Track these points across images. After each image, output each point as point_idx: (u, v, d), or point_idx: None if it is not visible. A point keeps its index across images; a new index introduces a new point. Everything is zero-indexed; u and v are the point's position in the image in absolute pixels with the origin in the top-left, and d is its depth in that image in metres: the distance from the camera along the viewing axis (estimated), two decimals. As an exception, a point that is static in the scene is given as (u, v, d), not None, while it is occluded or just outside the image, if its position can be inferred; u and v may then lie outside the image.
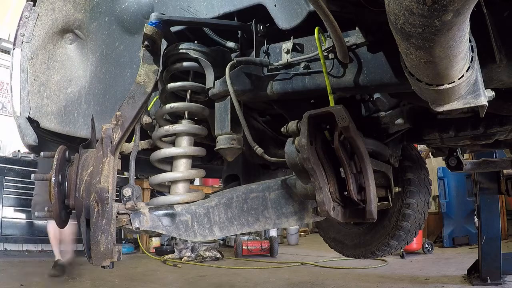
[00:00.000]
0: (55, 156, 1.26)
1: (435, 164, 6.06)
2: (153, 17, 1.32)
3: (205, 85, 1.44)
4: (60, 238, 4.10)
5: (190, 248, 5.53)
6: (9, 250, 5.10)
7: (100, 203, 1.15)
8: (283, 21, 1.26)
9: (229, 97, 1.40)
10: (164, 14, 1.35)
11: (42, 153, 1.35)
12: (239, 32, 1.41)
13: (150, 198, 1.60)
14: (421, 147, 4.55)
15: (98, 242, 1.13)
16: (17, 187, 5.04)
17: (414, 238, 2.41)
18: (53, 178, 1.21)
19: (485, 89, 0.97)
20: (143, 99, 1.31)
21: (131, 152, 1.30)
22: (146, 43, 1.32)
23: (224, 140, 1.41)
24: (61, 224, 1.27)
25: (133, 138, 1.34)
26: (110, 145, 1.20)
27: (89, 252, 1.15)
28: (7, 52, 5.74)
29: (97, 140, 1.28)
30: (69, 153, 1.31)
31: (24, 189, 5.05)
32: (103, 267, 1.18)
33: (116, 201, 1.20)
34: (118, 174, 1.25)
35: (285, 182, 1.35)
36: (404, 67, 0.95)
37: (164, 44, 1.44)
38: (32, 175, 1.34)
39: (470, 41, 0.88)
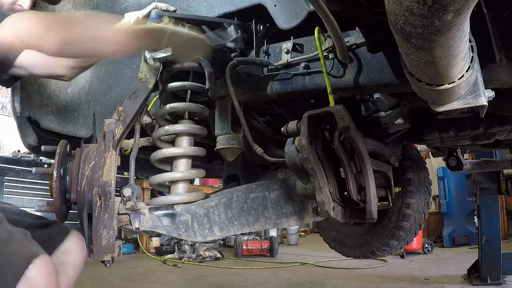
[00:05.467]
0: (57, 150, 1.26)
1: (435, 164, 6.05)
2: (154, 13, 1.33)
3: (205, 85, 1.44)
4: None
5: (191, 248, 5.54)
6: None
7: (103, 197, 1.15)
8: (283, 21, 1.26)
9: (229, 97, 1.40)
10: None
11: (34, 169, 1.35)
12: (239, 32, 1.41)
13: (150, 198, 1.60)
14: (421, 147, 4.55)
15: (100, 236, 1.14)
16: (17, 187, 5.03)
17: (414, 238, 2.41)
18: (54, 172, 1.22)
19: (485, 89, 0.97)
20: (145, 95, 1.32)
21: (131, 151, 1.31)
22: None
23: (224, 140, 1.41)
24: (62, 218, 1.27)
25: (133, 137, 1.34)
26: (112, 140, 1.21)
27: (90, 247, 1.16)
28: (7, 52, 5.72)
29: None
30: (70, 147, 1.31)
31: (24, 189, 5.05)
32: (103, 262, 1.18)
33: (116, 195, 1.20)
34: (118, 174, 1.25)
35: (285, 182, 1.35)
36: (404, 67, 0.95)
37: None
38: (34, 169, 1.35)
39: (470, 41, 0.88)
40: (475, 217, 5.15)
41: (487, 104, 0.97)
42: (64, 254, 1.46)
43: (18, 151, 5.39)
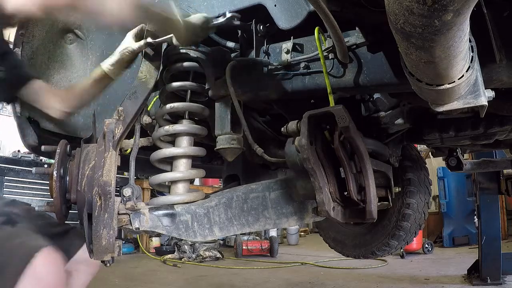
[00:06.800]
0: (57, 150, 1.26)
1: (435, 164, 6.05)
2: None
3: (205, 85, 1.44)
4: None
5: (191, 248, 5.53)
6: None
7: (103, 197, 1.15)
8: (283, 21, 1.26)
9: (229, 97, 1.40)
10: None
11: (34, 169, 1.34)
12: (239, 32, 1.41)
13: (150, 198, 1.60)
14: (421, 147, 4.55)
15: (100, 236, 1.14)
16: (17, 187, 5.03)
17: (414, 238, 2.41)
18: (54, 172, 1.22)
19: (485, 89, 0.97)
20: (145, 95, 1.32)
21: (131, 151, 1.31)
22: (148, 40, 1.32)
23: (224, 140, 1.41)
24: (62, 218, 1.27)
25: (133, 137, 1.34)
26: (112, 140, 1.21)
27: (90, 247, 1.16)
28: (7, 52, 5.70)
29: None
30: (70, 147, 1.31)
31: (24, 189, 5.05)
32: (103, 262, 1.18)
33: (116, 195, 1.20)
34: (118, 174, 1.25)
35: (285, 182, 1.35)
36: (404, 67, 0.95)
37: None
38: (34, 169, 1.35)
39: (470, 41, 0.88)
40: (475, 217, 5.16)
41: (487, 104, 0.97)
42: (79, 262, 1.46)
43: (18, 151, 5.39)
